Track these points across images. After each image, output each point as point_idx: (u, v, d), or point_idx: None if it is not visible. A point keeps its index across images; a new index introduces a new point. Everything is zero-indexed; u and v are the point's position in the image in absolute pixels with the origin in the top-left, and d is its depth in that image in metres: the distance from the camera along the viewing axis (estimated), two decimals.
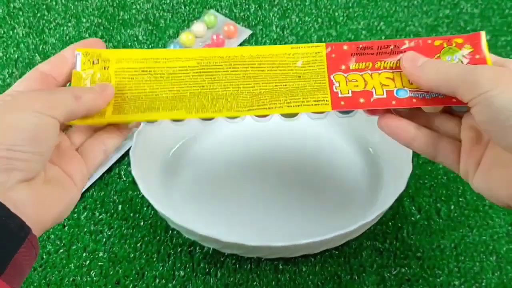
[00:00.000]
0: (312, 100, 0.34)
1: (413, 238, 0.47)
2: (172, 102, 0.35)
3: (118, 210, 0.49)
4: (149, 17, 0.68)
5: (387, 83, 0.35)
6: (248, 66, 0.36)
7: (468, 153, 0.33)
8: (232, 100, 0.35)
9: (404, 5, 0.68)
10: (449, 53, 0.35)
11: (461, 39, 0.35)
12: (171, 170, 0.50)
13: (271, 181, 0.50)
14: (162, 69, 0.36)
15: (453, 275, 0.45)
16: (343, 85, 0.35)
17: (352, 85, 0.35)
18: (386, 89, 0.34)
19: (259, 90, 0.35)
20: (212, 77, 0.36)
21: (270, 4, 0.69)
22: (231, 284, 0.45)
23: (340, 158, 0.51)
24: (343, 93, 0.35)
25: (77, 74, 0.35)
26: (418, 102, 0.34)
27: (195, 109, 0.35)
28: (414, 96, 0.34)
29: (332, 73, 0.35)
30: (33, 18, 0.68)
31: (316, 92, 0.35)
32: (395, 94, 0.34)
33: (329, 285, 0.44)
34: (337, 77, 0.35)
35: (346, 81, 0.35)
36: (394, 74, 0.35)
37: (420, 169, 0.52)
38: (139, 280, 0.45)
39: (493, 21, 0.66)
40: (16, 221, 0.27)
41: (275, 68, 0.36)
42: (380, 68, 0.35)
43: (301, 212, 0.47)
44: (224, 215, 0.47)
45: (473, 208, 0.49)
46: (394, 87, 0.34)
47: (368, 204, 0.47)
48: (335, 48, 0.36)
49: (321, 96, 0.35)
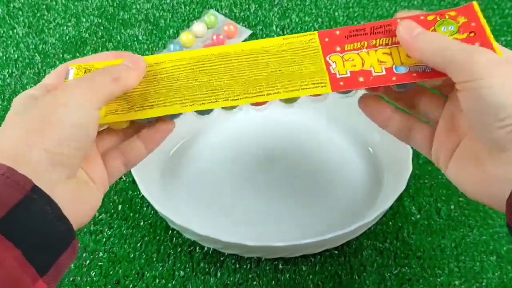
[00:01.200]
0: (310, 83, 0.34)
1: (414, 238, 0.47)
2: (166, 98, 0.35)
3: (118, 210, 0.49)
4: (149, 17, 0.68)
5: (385, 59, 0.34)
6: (242, 58, 0.36)
7: (441, 140, 0.33)
8: (228, 89, 0.34)
9: (404, 5, 0.68)
10: (443, 24, 0.34)
11: (454, 12, 0.34)
12: (171, 170, 0.50)
13: (271, 181, 0.50)
14: (155, 71, 0.36)
15: (453, 274, 0.45)
16: (340, 65, 0.34)
17: (349, 65, 0.34)
18: (384, 66, 0.34)
19: (254, 77, 0.35)
20: (206, 71, 0.35)
21: (270, 4, 0.69)
22: (231, 284, 0.45)
23: (340, 158, 0.51)
24: (341, 73, 0.34)
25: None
26: (418, 76, 0.33)
27: (190, 102, 0.35)
28: (413, 71, 0.33)
29: (328, 54, 0.35)
30: (33, 18, 0.68)
31: (313, 74, 0.34)
32: (394, 71, 0.34)
33: (329, 284, 0.44)
34: (333, 58, 0.35)
35: (343, 60, 0.34)
36: (391, 49, 0.34)
37: (420, 169, 0.52)
38: (139, 280, 0.45)
39: (493, 21, 0.66)
40: (65, 224, 0.27)
41: (269, 57, 0.35)
42: (376, 45, 0.35)
43: (301, 212, 0.47)
44: (224, 215, 0.47)
45: (474, 208, 0.49)
46: (392, 64, 0.34)
47: (368, 204, 0.47)
48: (327, 33, 0.35)
49: (319, 78, 0.34)
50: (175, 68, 0.36)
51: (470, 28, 0.34)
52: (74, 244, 0.28)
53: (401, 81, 0.33)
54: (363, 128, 0.51)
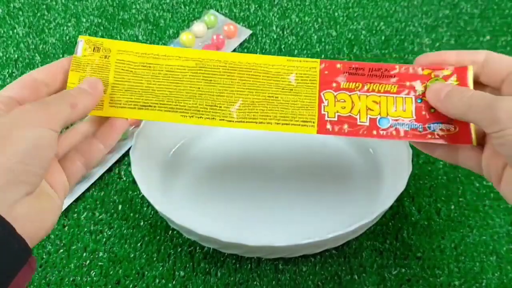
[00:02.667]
0: (300, 120, 0.36)
1: (413, 238, 0.47)
2: (168, 101, 0.36)
3: (118, 210, 0.49)
4: (149, 17, 0.68)
5: (373, 107, 0.36)
6: (244, 72, 0.37)
7: (489, 162, 0.34)
8: (226, 109, 0.36)
9: (404, 5, 0.68)
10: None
11: (450, 70, 0.36)
12: (171, 170, 0.50)
13: (271, 181, 0.50)
14: (161, 66, 0.37)
15: (453, 275, 0.45)
16: (332, 105, 0.36)
17: (339, 106, 0.36)
18: (370, 116, 0.36)
19: (252, 100, 0.36)
20: (209, 79, 0.37)
21: (270, 4, 0.69)
22: (231, 284, 0.45)
23: (340, 158, 0.51)
24: (330, 116, 0.36)
25: (77, 59, 0.36)
26: (397, 135, 0.36)
27: (190, 113, 0.36)
28: (394, 128, 0.36)
29: (323, 90, 0.37)
30: (33, 18, 0.68)
31: (305, 110, 0.36)
32: (377, 123, 0.36)
33: (329, 285, 0.44)
34: (327, 95, 0.37)
35: (335, 100, 0.37)
36: (381, 98, 0.37)
37: (420, 169, 0.52)
38: (139, 280, 0.45)
39: (493, 21, 0.66)
40: (19, 242, 0.27)
41: (269, 78, 0.37)
42: (368, 90, 0.37)
43: (301, 212, 0.47)
44: (224, 215, 0.47)
45: (473, 208, 0.49)
46: (378, 114, 0.36)
47: (368, 204, 0.47)
48: (328, 65, 0.37)
49: (309, 116, 0.36)
50: (181, 69, 0.37)
51: None
52: (31, 262, 0.28)
53: (379, 138, 0.36)
54: None
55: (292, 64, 0.37)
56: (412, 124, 0.36)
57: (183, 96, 0.36)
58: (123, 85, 0.36)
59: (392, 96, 0.36)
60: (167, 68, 0.37)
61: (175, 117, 0.36)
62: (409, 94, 0.36)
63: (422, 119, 0.36)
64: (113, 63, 0.37)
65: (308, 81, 0.37)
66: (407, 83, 0.37)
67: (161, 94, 0.36)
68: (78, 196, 0.50)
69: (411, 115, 0.36)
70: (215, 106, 0.36)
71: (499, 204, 0.49)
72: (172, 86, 0.37)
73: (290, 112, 0.36)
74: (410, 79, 0.37)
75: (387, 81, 0.37)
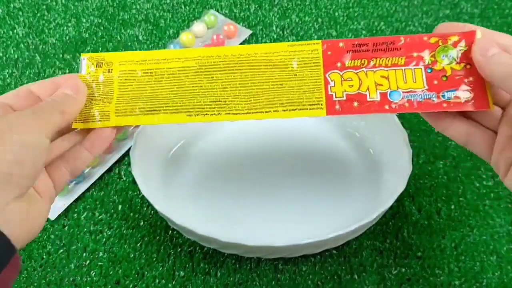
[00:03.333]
0: (307, 104, 0.35)
1: (413, 237, 0.47)
2: (172, 104, 0.36)
3: (118, 210, 0.49)
4: (149, 17, 0.68)
5: (382, 82, 0.35)
6: (245, 64, 0.37)
7: (501, 149, 0.33)
8: (230, 103, 0.36)
9: (404, 5, 0.68)
10: (443, 51, 0.35)
11: (457, 36, 0.35)
12: (171, 170, 0.50)
13: (271, 181, 0.50)
14: (163, 70, 0.37)
15: (453, 274, 0.45)
16: (338, 85, 0.35)
17: (347, 85, 0.35)
18: (380, 91, 0.35)
19: (256, 90, 0.36)
20: (210, 76, 0.37)
21: (270, 4, 0.69)
22: (231, 284, 0.45)
23: (340, 158, 0.51)
24: (338, 96, 0.35)
25: (82, 78, 0.37)
26: (410, 107, 0.35)
27: (195, 112, 0.36)
28: (407, 99, 0.35)
29: (328, 71, 0.36)
30: (33, 18, 0.68)
31: (312, 93, 0.36)
32: (388, 97, 0.35)
33: (329, 284, 0.44)
34: (333, 76, 0.36)
35: (341, 80, 0.36)
36: (389, 72, 0.35)
37: (420, 169, 0.52)
38: (139, 280, 0.45)
39: (493, 21, 0.66)
40: (3, 241, 0.28)
41: (272, 67, 0.36)
42: (375, 66, 0.36)
43: (301, 212, 0.47)
44: (224, 215, 0.47)
45: (474, 208, 0.49)
46: (388, 88, 0.35)
47: (368, 204, 0.47)
48: (331, 45, 0.36)
49: (316, 99, 0.35)
50: (182, 70, 0.37)
51: (468, 58, 0.35)
52: (15, 260, 0.28)
53: (392, 112, 0.35)
54: (363, 128, 0.51)
55: (294, 49, 0.36)
56: (425, 94, 0.35)
57: (187, 96, 0.36)
58: (128, 94, 0.37)
59: (401, 68, 0.35)
60: (169, 71, 0.37)
61: (181, 118, 0.36)
62: (418, 64, 0.35)
63: (434, 88, 0.35)
64: (116, 75, 0.37)
65: (312, 64, 0.36)
66: (415, 54, 0.35)
67: (165, 98, 0.36)
68: (78, 196, 0.50)
69: (423, 85, 0.35)
70: (220, 101, 0.36)
71: (499, 203, 0.49)
72: (175, 88, 0.37)
73: (296, 98, 0.36)
74: (417, 49, 0.35)
75: (394, 54, 0.36)
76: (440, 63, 0.35)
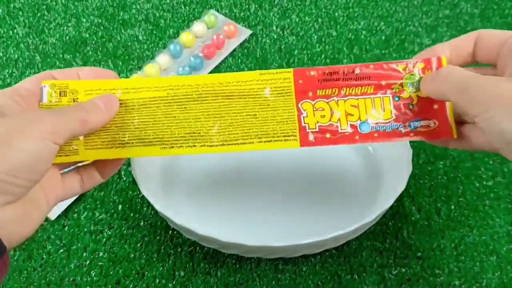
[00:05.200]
0: (281, 136, 0.36)
1: (413, 238, 0.47)
2: (145, 135, 0.35)
3: (118, 210, 0.49)
4: (149, 17, 0.68)
5: (352, 112, 0.36)
6: (218, 95, 0.36)
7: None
8: (205, 134, 0.36)
9: (404, 5, 0.68)
10: (410, 79, 0.36)
11: (423, 64, 0.36)
12: (171, 170, 0.50)
13: (271, 181, 0.50)
14: (133, 100, 0.36)
15: (453, 275, 0.45)
16: (311, 116, 0.36)
17: (319, 116, 0.36)
18: (350, 122, 0.36)
19: (230, 121, 0.36)
20: (183, 107, 0.36)
21: (270, 4, 0.69)
22: (231, 284, 0.45)
23: (340, 158, 0.51)
24: (311, 127, 0.36)
25: (44, 107, 0.35)
26: (379, 137, 0.36)
27: (170, 144, 0.35)
28: (375, 130, 0.36)
29: (300, 100, 0.36)
30: (33, 18, 0.68)
31: (286, 124, 0.36)
32: (358, 129, 0.36)
33: (329, 285, 0.44)
34: (305, 105, 0.36)
35: (313, 109, 0.36)
36: (359, 101, 0.36)
37: (420, 169, 0.52)
38: (139, 280, 0.45)
39: (493, 21, 0.66)
40: None
41: (245, 96, 0.36)
42: (345, 95, 0.36)
43: (301, 212, 0.47)
44: (224, 215, 0.47)
45: (473, 208, 0.49)
46: (358, 119, 0.36)
47: (368, 204, 0.47)
48: (302, 74, 0.36)
49: (290, 130, 0.36)
50: (153, 101, 0.36)
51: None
52: (4, 260, 0.27)
53: (363, 142, 0.36)
54: None
55: (265, 77, 0.36)
56: (393, 125, 0.36)
57: (159, 127, 0.35)
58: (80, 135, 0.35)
59: (370, 97, 0.36)
60: (139, 102, 0.36)
61: (155, 151, 0.35)
62: (386, 93, 0.36)
63: (401, 118, 0.36)
64: None
65: (284, 93, 0.36)
66: (383, 82, 0.36)
67: (136, 129, 0.35)
68: (78, 196, 0.50)
69: (390, 115, 0.36)
70: (194, 133, 0.35)
71: (499, 204, 0.49)
72: (146, 119, 0.36)
73: (271, 129, 0.36)
74: (386, 78, 0.36)
75: (363, 83, 0.36)
76: (407, 91, 0.36)
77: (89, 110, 0.32)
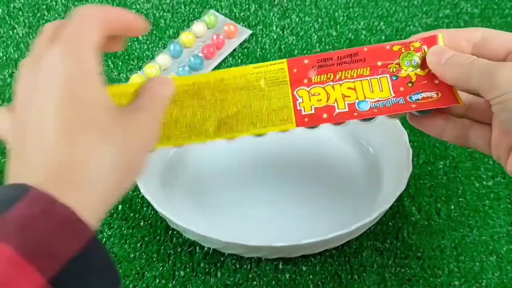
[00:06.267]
0: (277, 120, 0.35)
1: (413, 238, 0.47)
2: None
3: (118, 210, 0.49)
4: (149, 17, 0.68)
5: (349, 94, 0.36)
6: (214, 90, 0.36)
7: (497, 142, 0.34)
8: (200, 127, 0.36)
9: (404, 5, 0.68)
10: (407, 58, 0.36)
11: (419, 42, 0.36)
12: (171, 170, 0.50)
13: (271, 181, 0.50)
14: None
15: (453, 275, 0.45)
16: (306, 101, 0.36)
17: (315, 100, 0.36)
18: (348, 102, 0.35)
19: (226, 114, 0.36)
20: (180, 104, 0.36)
21: (270, 4, 0.69)
22: (231, 284, 0.45)
23: (340, 158, 0.51)
24: (306, 110, 0.35)
25: None
26: (379, 112, 0.35)
27: (166, 138, 0.35)
28: (374, 107, 0.35)
29: (295, 88, 0.36)
30: (33, 18, 0.68)
31: (281, 110, 0.36)
32: (356, 107, 0.35)
33: (329, 285, 0.44)
34: (300, 92, 0.36)
35: (309, 95, 0.36)
36: (355, 83, 0.36)
37: (420, 169, 0.52)
38: (139, 280, 0.45)
39: (493, 21, 0.66)
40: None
41: (240, 90, 0.36)
42: (341, 79, 0.36)
43: (301, 212, 0.47)
44: (224, 215, 0.47)
45: (473, 208, 0.49)
46: (355, 99, 0.35)
47: (368, 204, 0.47)
48: (296, 63, 0.36)
49: (286, 115, 0.36)
50: None
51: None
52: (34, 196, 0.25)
53: (362, 117, 0.35)
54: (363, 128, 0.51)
55: (260, 70, 0.36)
56: (393, 100, 0.35)
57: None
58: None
59: (367, 79, 0.36)
60: None
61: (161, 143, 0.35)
62: (383, 73, 0.36)
63: (401, 94, 0.35)
64: None
65: (279, 82, 0.36)
66: (379, 63, 0.36)
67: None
68: None
69: (389, 93, 0.35)
70: (189, 126, 0.36)
71: (499, 204, 0.49)
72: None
73: (265, 116, 0.36)
74: (382, 59, 0.36)
75: (359, 65, 0.36)
76: (405, 70, 0.36)
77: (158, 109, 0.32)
